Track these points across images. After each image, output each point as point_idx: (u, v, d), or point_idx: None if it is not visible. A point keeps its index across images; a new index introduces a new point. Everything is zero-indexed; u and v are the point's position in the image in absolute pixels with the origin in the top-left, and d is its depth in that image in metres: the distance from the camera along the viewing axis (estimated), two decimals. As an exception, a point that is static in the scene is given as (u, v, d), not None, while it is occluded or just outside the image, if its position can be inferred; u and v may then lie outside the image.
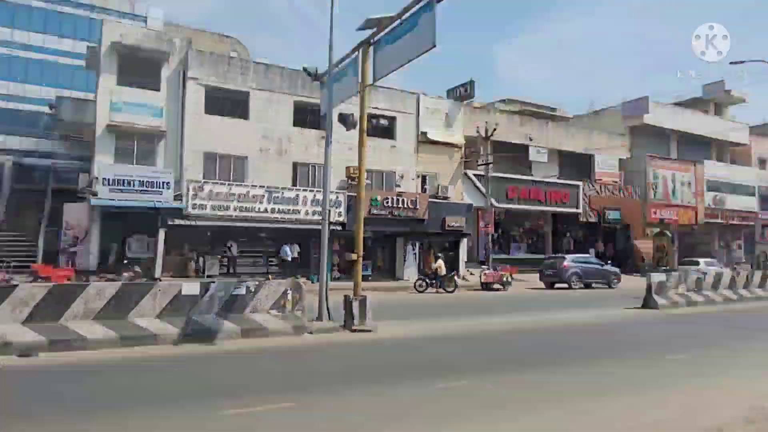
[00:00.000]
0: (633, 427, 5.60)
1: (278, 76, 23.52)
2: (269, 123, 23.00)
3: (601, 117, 36.69)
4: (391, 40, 11.31)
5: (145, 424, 5.41)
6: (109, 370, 7.67)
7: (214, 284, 10.16)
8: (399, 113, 25.95)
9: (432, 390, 7.00)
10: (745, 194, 38.39)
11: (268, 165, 22.73)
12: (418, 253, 25.31)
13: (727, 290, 19.01)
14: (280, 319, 10.42)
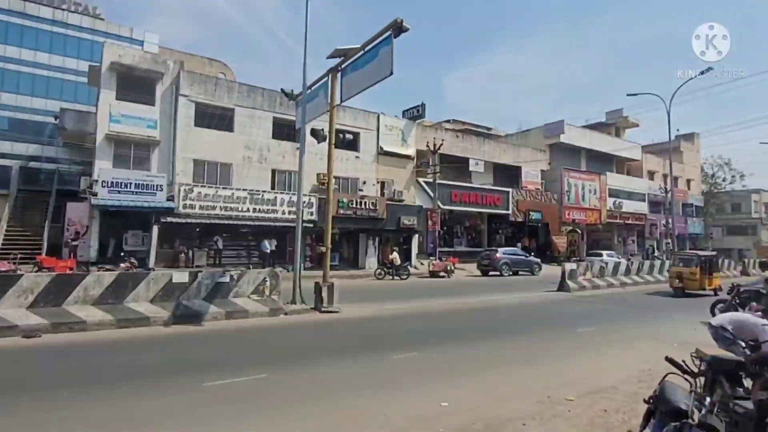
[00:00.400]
0: (549, 387, 5.79)
1: (260, 96, 23.04)
2: (251, 135, 22.50)
3: (527, 135, 37.63)
4: (356, 67, 11.30)
5: (136, 395, 5.22)
6: (105, 349, 7.35)
7: (201, 273, 9.90)
8: (362, 129, 25.89)
9: (389, 360, 7.05)
10: (638, 200, 40.09)
11: (250, 171, 22.23)
12: (378, 246, 25.33)
13: (624, 276, 19.95)
14: (259, 303, 10.24)
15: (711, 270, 16.30)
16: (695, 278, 15.87)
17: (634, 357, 7.35)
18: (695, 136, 48.21)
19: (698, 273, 15.85)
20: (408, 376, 6.22)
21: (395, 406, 5.04)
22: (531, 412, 4.94)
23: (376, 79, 10.48)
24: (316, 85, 13.35)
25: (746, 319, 5.16)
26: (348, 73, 11.66)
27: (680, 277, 16.22)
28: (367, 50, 10.78)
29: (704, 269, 16.10)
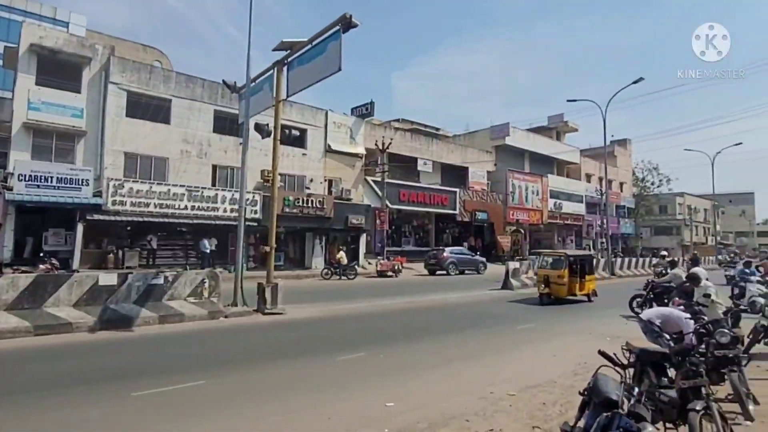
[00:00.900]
0: (492, 383, 5.98)
1: (200, 87, 22.07)
2: (190, 128, 21.50)
3: (474, 137, 38.74)
4: (303, 61, 11.11)
5: (56, 407, 4.83)
6: (21, 358, 6.74)
7: (132, 275, 9.34)
8: (310, 126, 25.53)
9: (335, 362, 7.01)
10: (576, 201, 42.43)
11: (189, 166, 21.25)
12: (325, 245, 25.09)
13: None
14: (197, 306, 9.82)
15: (583, 273, 14.15)
16: (563, 282, 13.57)
17: (570, 351, 7.76)
18: (628, 141, 51.80)
19: (567, 276, 13.59)
20: (354, 377, 6.20)
21: (340, 408, 5.01)
22: (475, 408, 5.08)
23: (324, 75, 10.36)
24: (260, 78, 13.00)
25: (671, 313, 5.61)
26: (294, 67, 11.44)
27: (547, 281, 13.74)
28: (314, 44, 10.62)
29: (574, 272, 14.00)
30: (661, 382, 4.30)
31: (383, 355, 7.37)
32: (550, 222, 39.30)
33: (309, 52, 10.86)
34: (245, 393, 5.46)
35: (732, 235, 72.74)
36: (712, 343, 4.97)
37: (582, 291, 14.12)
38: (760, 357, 7.58)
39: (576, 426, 3.36)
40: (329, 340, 8.49)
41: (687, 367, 4.12)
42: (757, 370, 6.78)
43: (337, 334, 9.14)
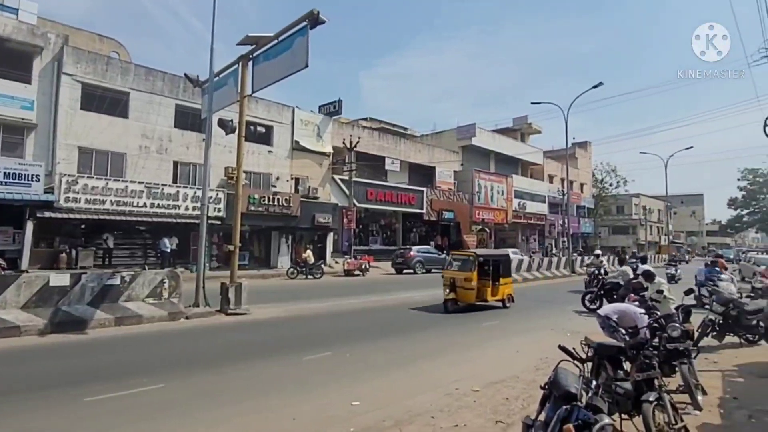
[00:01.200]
0: (458, 379, 6.07)
1: (160, 80, 21.30)
2: (150, 123, 20.72)
3: (441, 137, 39.17)
4: (269, 57, 10.92)
5: (0, 416, 4.55)
6: (-40, 365, 6.31)
7: (85, 275, 8.92)
8: (276, 123, 25.13)
9: (300, 362, 6.93)
10: (539, 201, 43.64)
11: (148, 163, 20.48)
12: (291, 244, 24.77)
13: (526, 272, 21.62)
14: (156, 307, 9.49)
15: (497, 275, 12.39)
16: (471, 287, 11.63)
17: (532, 347, 7.96)
18: (588, 144, 53.68)
19: (475, 279, 11.66)
20: (320, 377, 6.15)
21: (306, 408, 4.96)
22: (440, 404, 5.14)
23: (291, 71, 10.21)
24: (224, 72, 12.68)
25: (627, 308, 5.84)
26: (260, 62, 11.22)
27: (453, 286, 11.85)
28: (281, 40, 10.46)
29: (486, 274, 12.17)
30: (617, 374, 4.48)
31: (349, 354, 7.34)
32: (515, 221, 40.23)
33: (275, 47, 10.68)
34: (206, 396, 5.32)
35: (683, 234, 76.67)
36: (665, 336, 5.21)
37: (495, 296, 12.22)
38: (708, 350, 8.04)
39: (537, 419, 3.45)
40: (295, 340, 8.38)
41: (641, 360, 4.30)
42: (705, 362, 7.18)
43: (302, 333, 9.03)
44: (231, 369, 6.41)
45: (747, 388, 5.93)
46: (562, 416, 3.01)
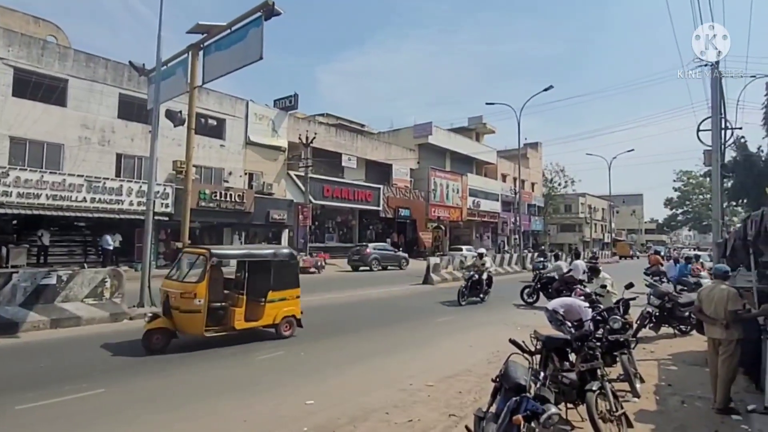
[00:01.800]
0: (412, 375, 6.13)
1: (103, 67, 20.10)
2: (91, 113, 19.53)
3: (398, 135, 39.41)
4: (221, 47, 10.57)
5: None
6: None
7: (17, 274, 8.28)
8: (229, 116, 24.37)
9: (253, 361, 6.77)
10: (492, 200, 44.85)
11: (89, 155, 19.30)
12: (244, 241, 24.15)
13: (479, 269, 22.10)
14: (96, 308, 8.96)
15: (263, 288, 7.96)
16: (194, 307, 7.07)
17: (485, 341, 8.16)
18: (539, 144, 55.72)
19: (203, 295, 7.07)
20: (273, 376, 6.03)
21: (258, 409, 4.84)
22: (394, 400, 5.17)
23: (244, 63, 9.94)
24: (173, 61, 12.16)
25: (573, 302, 6.11)
26: (211, 52, 10.84)
27: (167, 306, 7.29)
28: (234, 30, 10.15)
29: (236, 286, 8.22)
30: (564, 366, 4.67)
31: (303, 353, 7.24)
32: (469, 219, 41.15)
33: (228, 37, 10.36)
34: (151, 400, 5.08)
35: (624, 232, 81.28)
36: (607, 328, 5.50)
37: (257, 319, 7.87)
38: (645, 340, 8.55)
39: (489, 411, 3.53)
40: (246, 340, 8.13)
41: (585, 352, 4.51)
42: (643, 351, 7.64)
43: (254, 333, 8.79)
44: (178, 371, 6.16)
45: (680, 376, 6.36)
46: (511, 407, 3.10)
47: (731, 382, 4.93)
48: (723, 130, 10.93)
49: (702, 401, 5.26)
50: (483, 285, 13.24)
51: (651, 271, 15.31)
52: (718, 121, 10.51)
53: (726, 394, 4.89)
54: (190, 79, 11.31)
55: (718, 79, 10.20)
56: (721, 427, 4.54)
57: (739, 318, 4.82)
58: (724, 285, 5.03)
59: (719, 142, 10.61)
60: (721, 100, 10.72)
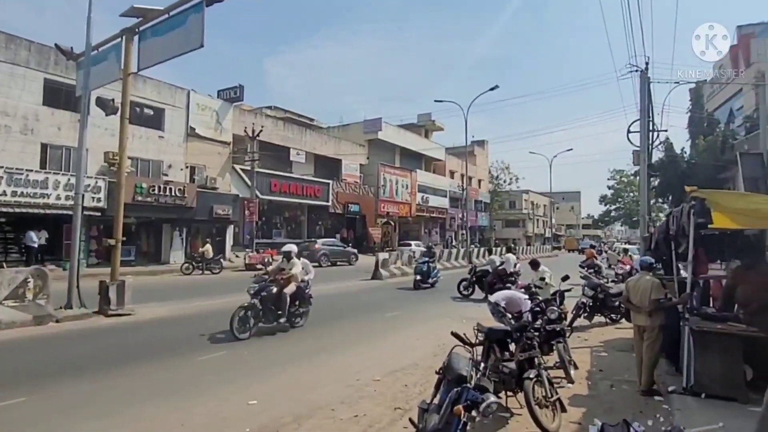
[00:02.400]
0: (359, 370, 6.14)
1: (25, 50, 18.47)
2: (11, 98, 17.90)
3: (348, 130, 39.22)
4: (158, 32, 10.00)
5: None
6: None
7: None
8: (168, 106, 23.18)
9: (193, 363, 6.51)
10: (441, 196, 45.77)
11: (9, 144, 17.71)
12: (185, 238, 23.16)
13: (428, 264, 22.50)
14: (17, 310, 8.29)
15: None
16: None
17: (432, 335, 8.31)
18: (485, 142, 57.40)
19: None
20: (214, 377, 5.83)
21: (198, 412, 4.67)
22: (341, 396, 5.16)
23: (183, 50, 9.46)
24: (105, 45, 11.36)
25: (513, 294, 6.36)
26: (148, 38, 10.24)
27: None
28: (172, 15, 9.63)
29: None
30: (504, 356, 4.86)
31: (248, 352, 7.06)
32: (418, 215, 41.77)
33: (166, 22, 9.81)
34: (77, 407, 4.76)
35: (564, 228, 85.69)
36: (545, 319, 5.78)
37: None
38: (580, 329, 9.07)
39: (432, 403, 3.61)
40: (187, 340, 7.81)
41: (524, 342, 4.72)
42: (577, 340, 8.09)
43: (196, 333, 8.43)
44: (110, 376, 5.81)
45: (610, 361, 6.80)
46: (453, 398, 3.19)
47: (654, 366, 5.33)
48: (650, 132, 11.77)
49: (629, 384, 5.65)
50: None
51: (586, 264, 16.21)
52: (646, 123, 11.30)
53: (650, 377, 5.28)
54: (123, 66, 10.63)
55: (647, 84, 10.98)
56: (645, 407, 4.89)
57: (661, 306, 5.22)
58: (649, 276, 5.42)
59: (647, 143, 11.42)
60: (649, 104, 11.54)
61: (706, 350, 4.86)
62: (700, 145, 22.22)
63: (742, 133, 21.93)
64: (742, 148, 18.55)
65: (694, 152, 23.37)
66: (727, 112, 25.71)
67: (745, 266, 5.64)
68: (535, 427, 4.07)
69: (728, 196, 5.27)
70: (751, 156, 11.95)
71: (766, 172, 10.94)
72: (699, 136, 22.85)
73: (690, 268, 5.35)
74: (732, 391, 4.69)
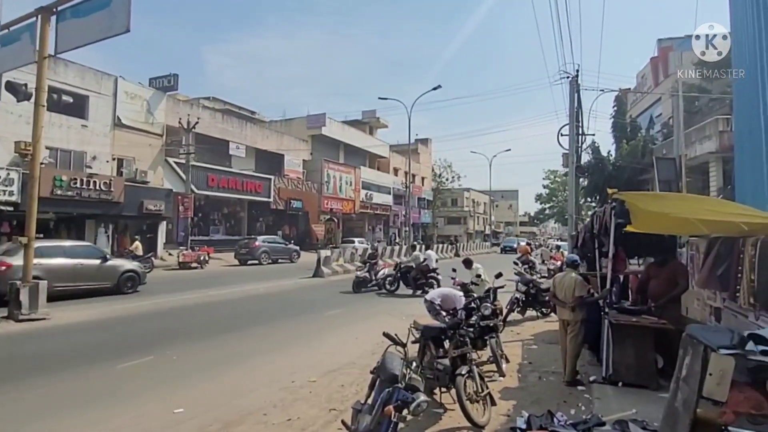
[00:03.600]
0: (295, 372, 6.02)
1: None
2: None
3: (291, 124, 38.47)
4: (79, 13, 9.24)
5: None
6: None
7: None
8: (93, 93, 21.53)
9: (115, 370, 6.09)
10: (385, 193, 46.11)
11: None
12: (112, 235, 21.68)
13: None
14: None
15: None
16: None
17: (371, 332, 8.27)
18: (429, 141, 58.44)
19: None
20: (137, 385, 5.49)
21: (117, 423, 4.37)
22: (274, 399, 5.02)
23: (107, 34, 8.79)
24: (18, 25, 10.34)
25: (449, 292, 6.50)
26: (67, 18, 9.42)
27: None
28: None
29: None
30: (439, 353, 4.96)
31: (176, 356, 6.71)
32: (362, 211, 41.83)
33: (87, 3, 9.08)
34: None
35: (503, 225, 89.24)
36: (479, 315, 5.96)
37: None
38: (513, 323, 9.46)
39: (366, 403, 3.60)
40: (109, 346, 7.31)
41: (457, 339, 4.83)
42: (510, 334, 8.42)
43: (120, 338, 7.94)
44: (19, 388, 5.31)
45: (539, 354, 7.14)
46: (384, 399, 3.19)
47: (577, 357, 5.65)
48: (579, 135, 12.51)
49: (555, 375, 5.96)
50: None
51: (521, 260, 16.96)
52: (575, 128, 11.99)
53: (573, 368, 5.59)
54: (39, 48, 9.73)
55: (576, 91, 11.65)
56: (568, 397, 5.17)
57: (583, 302, 5.54)
58: (573, 273, 5.73)
59: (575, 146, 12.12)
60: (578, 109, 12.25)
61: (622, 342, 5.22)
62: (624, 149, 23.96)
63: (661, 138, 23.91)
64: (660, 153, 20.26)
65: (618, 155, 25.14)
66: (648, 118, 27.93)
67: (657, 263, 6.12)
68: (466, 421, 4.18)
69: (645, 197, 5.66)
70: (665, 161, 13.04)
71: (678, 175, 11.99)
72: (623, 141, 24.62)
73: (610, 265, 5.72)
74: (645, 379, 5.08)
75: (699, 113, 21.11)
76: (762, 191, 5.17)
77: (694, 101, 21.21)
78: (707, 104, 21.43)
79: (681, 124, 15.14)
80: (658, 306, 5.67)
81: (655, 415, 3.80)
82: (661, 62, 27.31)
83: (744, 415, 3.04)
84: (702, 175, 18.61)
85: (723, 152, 15.41)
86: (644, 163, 21.83)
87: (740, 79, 6.42)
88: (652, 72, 28.27)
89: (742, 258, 4.66)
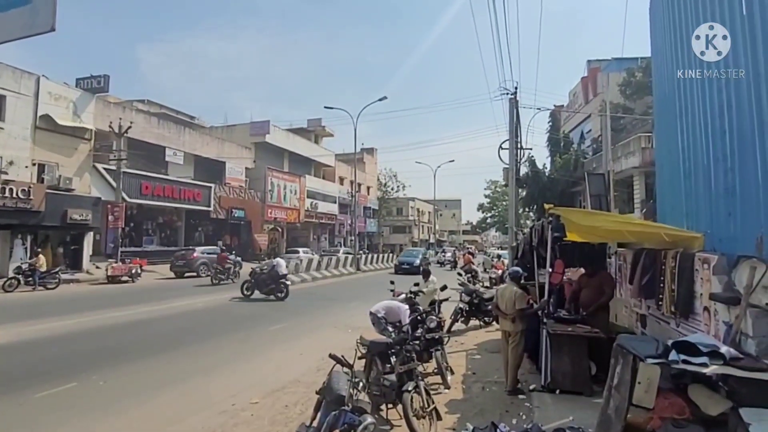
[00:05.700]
0: (235, 393, 5.79)
1: None
2: None
3: (233, 131, 37.30)
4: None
5: None
6: None
7: None
8: (11, 93, 19.74)
9: (31, 400, 5.54)
10: (330, 202, 45.76)
11: None
12: (31, 247, 19.88)
13: (315, 271, 22.35)
14: None
15: None
16: None
17: (316, 347, 8.15)
18: (374, 150, 58.88)
19: None
20: (61, 416, 5.02)
21: (31, 462, 3.96)
22: (212, 425, 4.78)
23: (29, 32, 7.95)
24: None
25: (393, 304, 6.52)
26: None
27: None
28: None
29: None
30: (386, 368, 4.94)
31: (104, 382, 6.22)
32: (307, 221, 41.24)
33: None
34: None
35: (447, 233, 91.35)
36: (425, 328, 6.01)
37: None
38: (458, 333, 9.64)
39: (311, 425, 3.50)
40: (25, 373, 6.63)
41: (403, 354, 4.84)
42: (455, 344, 8.58)
43: (38, 362, 7.24)
44: None
45: (482, 363, 7.32)
46: (330, 422, 3.12)
47: (518, 367, 5.85)
48: (518, 150, 13.11)
49: (498, 385, 6.12)
50: None
51: (465, 270, 17.42)
52: (514, 143, 12.56)
53: (515, 378, 5.78)
54: (-56, 41, 8.81)
55: (515, 108, 12.22)
56: (510, 407, 5.33)
57: (523, 314, 5.75)
58: (515, 287, 5.95)
59: (515, 160, 12.68)
60: (517, 125, 12.84)
61: (559, 351, 5.46)
62: (557, 163, 25.40)
63: (591, 153, 25.57)
64: (590, 167, 21.64)
65: (553, 168, 26.60)
66: (579, 133, 29.81)
67: (588, 273, 6.49)
68: (413, 438, 4.18)
69: (578, 213, 6.02)
70: (595, 176, 13.95)
71: (607, 189, 12.85)
72: (556, 154, 26.11)
73: (547, 277, 5.99)
74: (580, 386, 5.34)
75: (624, 130, 22.85)
76: (680, 207, 5.64)
77: (620, 119, 22.92)
78: (631, 122, 23.26)
79: (609, 142, 16.29)
80: (589, 314, 6.01)
81: (590, 421, 4.00)
82: (590, 82, 29.28)
83: (669, 420, 3.27)
84: (627, 188, 20.09)
85: (645, 167, 16.71)
86: (576, 176, 23.25)
87: (660, 101, 7.02)
88: (583, 90, 30.26)
89: (664, 269, 5.05)
